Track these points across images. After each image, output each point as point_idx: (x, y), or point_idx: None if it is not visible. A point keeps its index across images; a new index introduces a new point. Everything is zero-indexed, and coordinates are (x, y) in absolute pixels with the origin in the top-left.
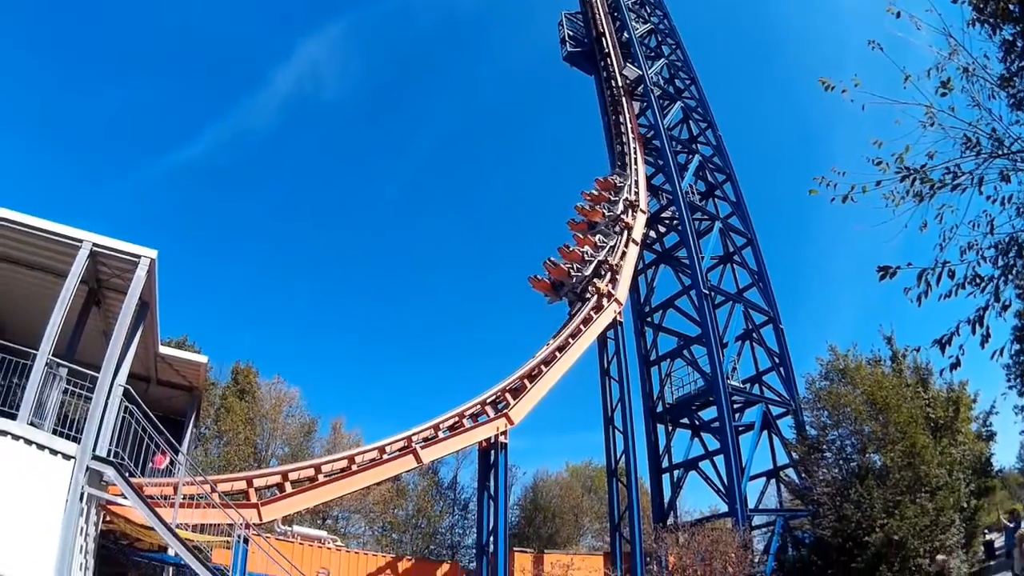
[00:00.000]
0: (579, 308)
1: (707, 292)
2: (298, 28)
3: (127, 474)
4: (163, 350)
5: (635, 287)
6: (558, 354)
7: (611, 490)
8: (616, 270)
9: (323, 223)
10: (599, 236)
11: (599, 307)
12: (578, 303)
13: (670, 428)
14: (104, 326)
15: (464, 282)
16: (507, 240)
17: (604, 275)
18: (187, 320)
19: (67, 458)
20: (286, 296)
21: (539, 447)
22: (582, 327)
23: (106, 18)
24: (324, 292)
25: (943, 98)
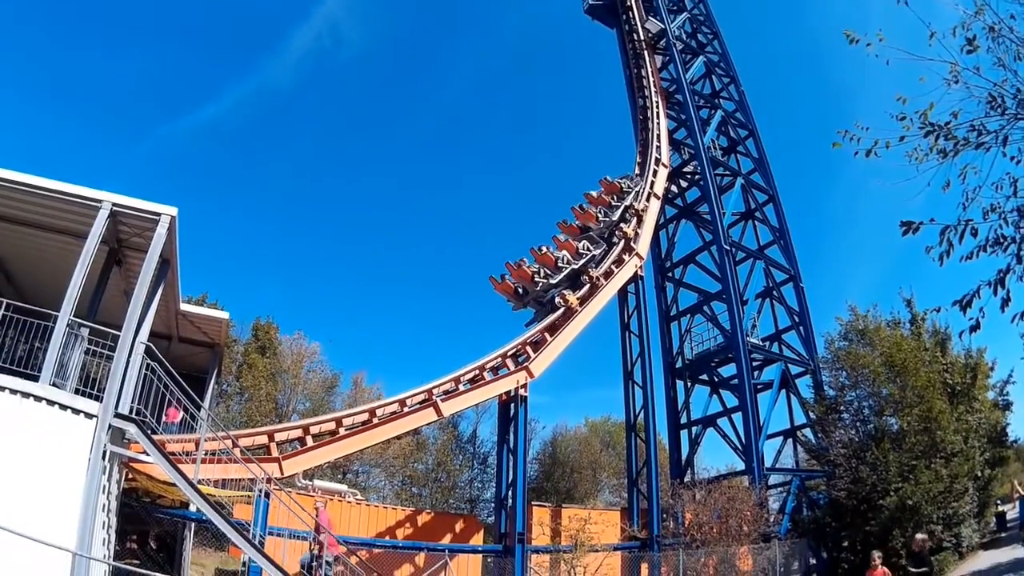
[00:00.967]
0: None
1: (728, 248)
2: None
3: (149, 431)
4: (184, 307)
5: (656, 242)
6: (579, 308)
7: (629, 445)
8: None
9: (342, 180)
10: (584, 243)
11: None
12: (544, 312)
13: (689, 384)
14: (125, 285)
15: (484, 237)
16: (528, 195)
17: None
18: (208, 279)
19: (89, 417)
20: (307, 254)
21: (559, 403)
22: (603, 281)
23: None
24: (345, 249)
25: (968, 55)
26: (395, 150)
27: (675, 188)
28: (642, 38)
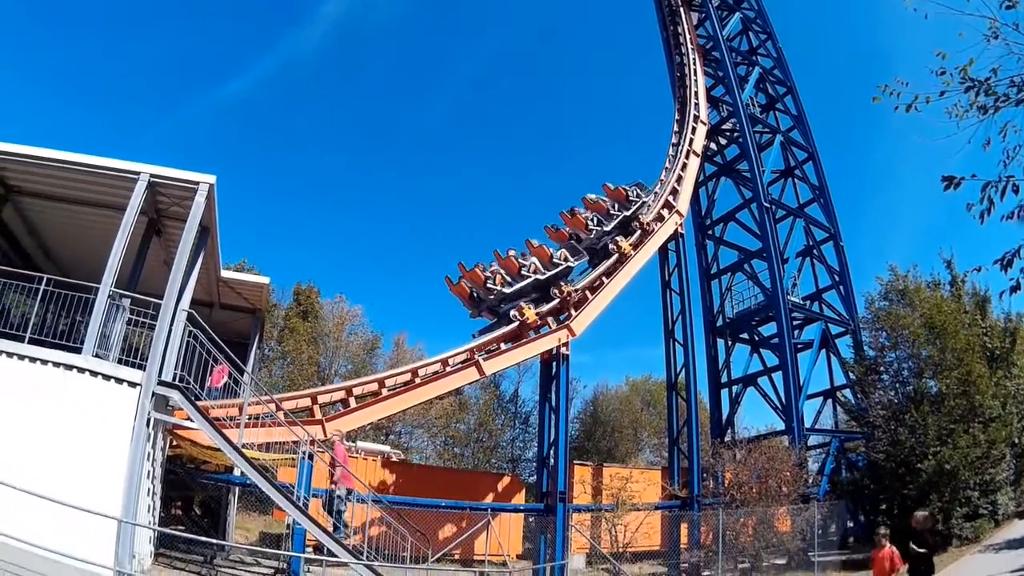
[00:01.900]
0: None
1: (768, 206)
2: None
3: (193, 397)
4: (225, 274)
5: (696, 200)
6: (619, 266)
7: (670, 404)
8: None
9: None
10: (563, 252)
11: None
12: (501, 322)
13: (730, 343)
14: (165, 255)
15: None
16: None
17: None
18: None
19: (132, 385)
20: (344, 219)
21: (600, 362)
22: (644, 239)
23: None
24: (380, 213)
25: (1007, 11)
26: (422, 114)
27: (714, 146)
28: None
